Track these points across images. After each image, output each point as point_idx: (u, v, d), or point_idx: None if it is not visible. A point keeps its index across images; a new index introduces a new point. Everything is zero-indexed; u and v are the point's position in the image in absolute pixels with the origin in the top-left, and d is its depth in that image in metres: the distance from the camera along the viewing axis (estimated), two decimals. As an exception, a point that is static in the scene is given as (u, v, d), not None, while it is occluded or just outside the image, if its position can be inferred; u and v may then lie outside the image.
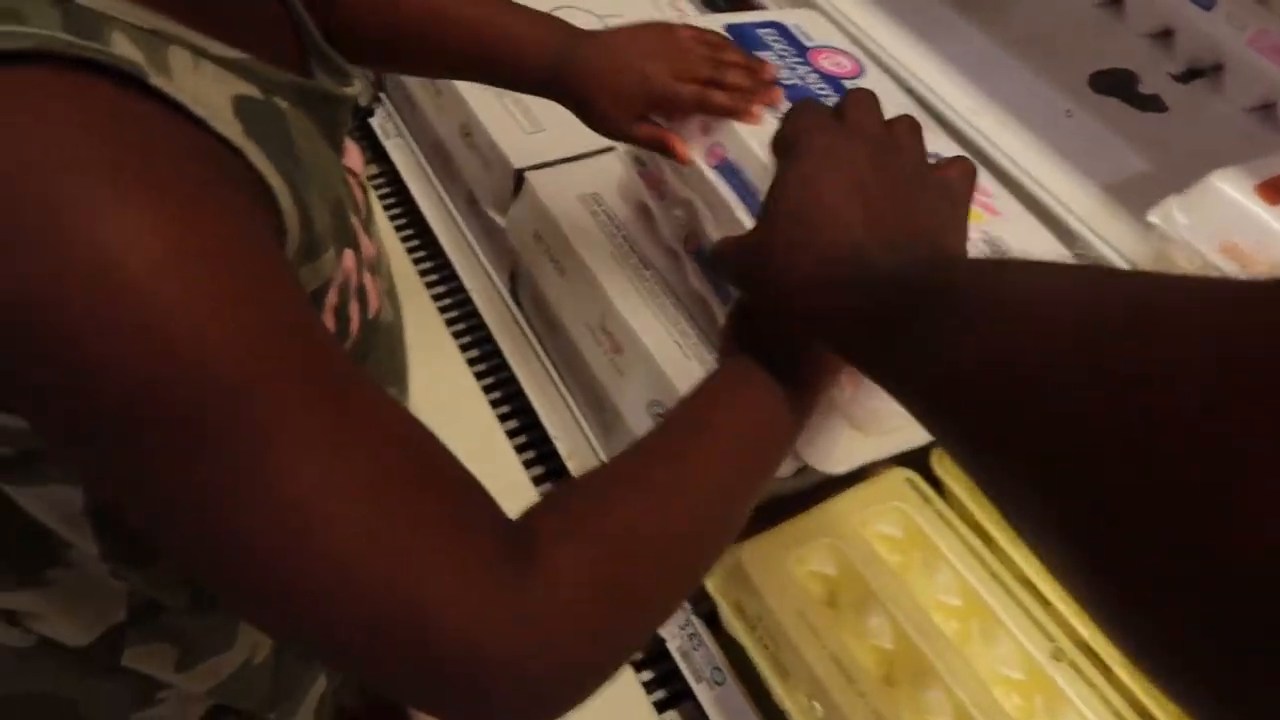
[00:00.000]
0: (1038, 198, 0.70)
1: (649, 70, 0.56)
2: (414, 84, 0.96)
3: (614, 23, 0.95)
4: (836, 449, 0.59)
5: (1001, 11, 0.80)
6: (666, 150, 0.59)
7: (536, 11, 0.60)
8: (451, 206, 0.94)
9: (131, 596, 0.49)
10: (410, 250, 0.97)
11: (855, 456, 0.60)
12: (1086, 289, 0.29)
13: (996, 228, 0.58)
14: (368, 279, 0.48)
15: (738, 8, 0.98)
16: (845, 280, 0.40)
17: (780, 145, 0.49)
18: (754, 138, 0.57)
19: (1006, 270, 0.36)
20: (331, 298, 0.43)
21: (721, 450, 0.44)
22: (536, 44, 0.59)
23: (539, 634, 0.34)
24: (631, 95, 0.57)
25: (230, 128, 0.34)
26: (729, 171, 0.58)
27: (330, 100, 0.44)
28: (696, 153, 0.59)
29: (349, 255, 0.44)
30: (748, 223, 0.57)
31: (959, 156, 0.49)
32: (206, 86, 0.35)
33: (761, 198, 0.49)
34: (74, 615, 0.49)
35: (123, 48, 0.32)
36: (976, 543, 0.62)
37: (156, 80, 0.31)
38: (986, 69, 0.75)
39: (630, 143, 0.61)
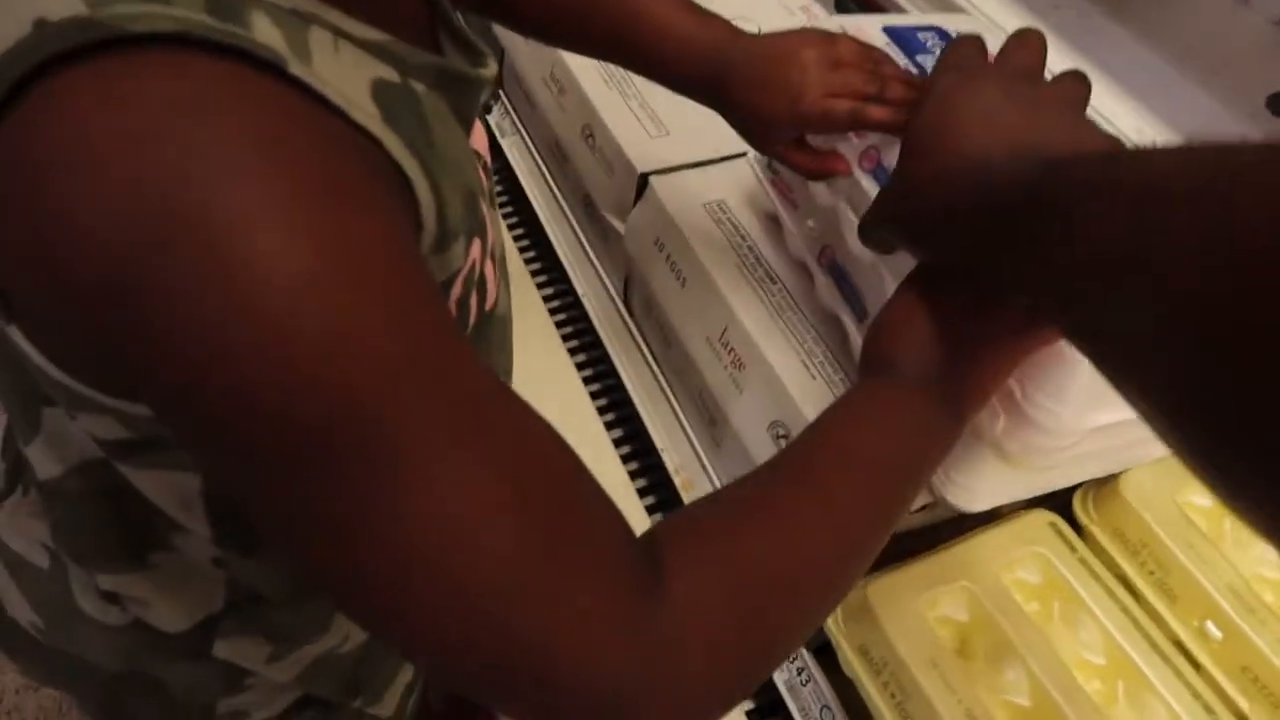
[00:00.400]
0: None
1: (806, 85, 0.54)
2: (535, 82, 0.95)
3: (742, 25, 0.93)
4: (979, 485, 0.55)
5: (1168, 25, 0.74)
6: (827, 174, 0.57)
7: (701, 9, 0.58)
8: (566, 208, 0.92)
9: (230, 587, 0.49)
10: (522, 250, 0.96)
11: (997, 495, 0.56)
12: (1197, 163, 0.30)
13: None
14: (488, 268, 0.47)
15: (866, 10, 0.94)
16: (969, 190, 0.41)
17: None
18: None
19: (1122, 157, 0.36)
20: (456, 290, 0.42)
21: (863, 479, 0.42)
22: (695, 44, 0.57)
23: (664, 668, 0.33)
24: (786, 112, 0.54)
25: (369, 117, 0.33)
26: (884, 176, 0.55)
27: (465, 82, 0.42)
28: (850, 157, 0.56)
29: (476, 244, 0.42)
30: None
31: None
32: (346, 71, 0.34)
33: None
34: (173, 600, 0.49)
35: (263, 31, 0.30)
36: (1124, 595, 0.58)
37: (296, 69, 0.30)
38: (1152, 87, 0.69)
39: (782, 163, 0.59)
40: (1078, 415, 0.51)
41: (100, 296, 0.28)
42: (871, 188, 0.55)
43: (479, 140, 0.48)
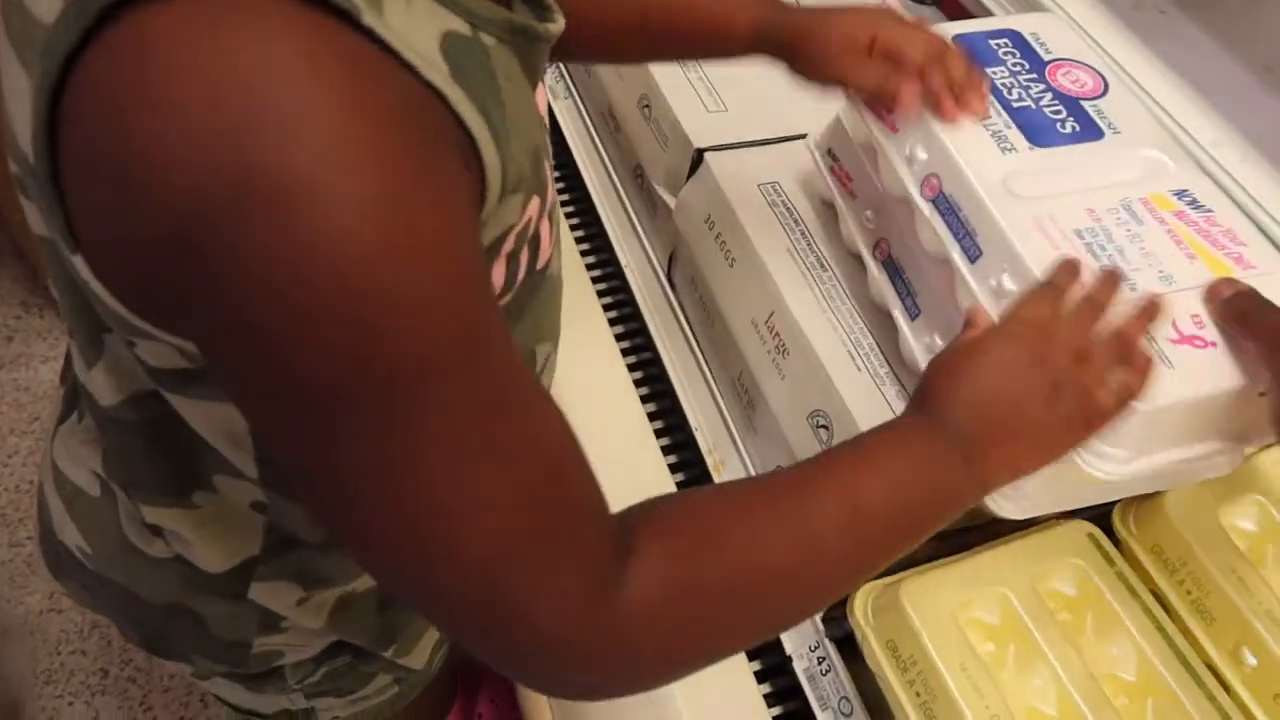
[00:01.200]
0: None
1: (876, 20, 0.55)
2: (593, 46, 0.93)
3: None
4: (1020, 495, 0.54)
5: (1254, 33, 0.72)
6: (893, 102, 0.56)
7: None
8: (615, 176, 0.92)
9: (268, 531, 0.50)
10: (567, 215, 0.95)
11: (1039, 505, 0.56)
12: None
13: (1251, 282, 0.52)
14: (544, 226, 0.46)
15: (943, 7, 0.92)
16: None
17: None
18: (973, 171, 0.54)
19: None
20: (508, 244, 0.42)
21: (854, 523, 0.42)
22: (746, 7, 0.58)
23: (615, 649, 0.37)
24: (858, 40, 0.55)
25: (438, 73, 0.33)
26: (945, 208, 0.54)
27: (534, 37, 0.42)
28: (910, 183, 0.56)
29: (534, 202, 0.42)
30: (960, 264, 0.54)
31: (1147, 359, 0.47)
32: (417, 22, 0.33)
33: (976, 238, 0.53)
34: (213, 542, 0.50)
35: None
36: (1159, 613, 0.57)
37: (370, 19, 0.30)
38: (1232, 97, 0.67)
39: (852, 87, 0.58)
40: (1127, 466, 0.51)
41: (167, 235, 0.29)
42: (931, 214, 0.55)
43: (539, 99, 0.48)
